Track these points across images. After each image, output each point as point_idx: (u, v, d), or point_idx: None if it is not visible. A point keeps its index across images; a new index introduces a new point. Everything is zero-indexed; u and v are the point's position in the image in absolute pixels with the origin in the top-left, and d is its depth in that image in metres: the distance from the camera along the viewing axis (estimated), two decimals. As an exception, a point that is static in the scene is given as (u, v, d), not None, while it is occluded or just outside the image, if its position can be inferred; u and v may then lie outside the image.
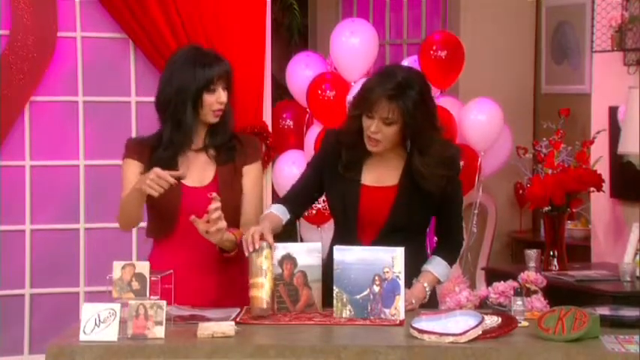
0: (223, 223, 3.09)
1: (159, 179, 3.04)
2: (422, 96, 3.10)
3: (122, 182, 3.26)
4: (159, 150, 3.22)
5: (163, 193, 3.10)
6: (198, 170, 3.25)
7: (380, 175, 3.20)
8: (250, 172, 3.29)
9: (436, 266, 3.20)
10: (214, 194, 3.08)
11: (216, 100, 3.21)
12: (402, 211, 3.16)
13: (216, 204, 3.07)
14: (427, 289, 3.15)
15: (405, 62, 5.52)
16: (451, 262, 3.25)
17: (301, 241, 5.37)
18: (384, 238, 3.12)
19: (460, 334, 2.68)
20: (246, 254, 3.01)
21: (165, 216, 3.23)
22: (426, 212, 3.22)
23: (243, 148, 3.29)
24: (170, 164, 3.20)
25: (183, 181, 3.18)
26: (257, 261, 2.99)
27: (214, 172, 3.26)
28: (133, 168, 3.24)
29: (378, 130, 3.10)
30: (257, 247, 2.97)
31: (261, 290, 2.97)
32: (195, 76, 3.19)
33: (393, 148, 3.17)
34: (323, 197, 3.34)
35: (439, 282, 3.20)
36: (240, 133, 3.43)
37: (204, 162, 3.27)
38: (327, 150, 3.27)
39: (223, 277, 3.24)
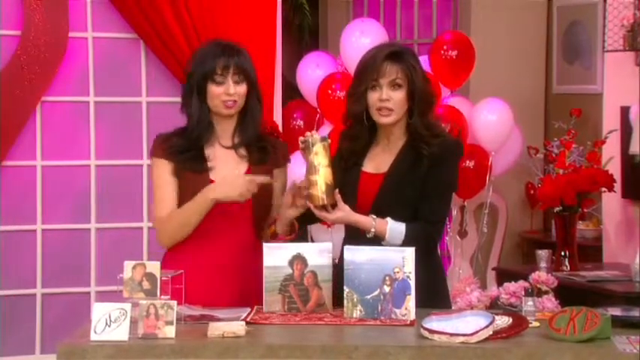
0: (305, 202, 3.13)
1: (252, 186, 3.10)
2: (418, 60, 3.22)
3: (155, 181, 3.24)
4: (183, 143, 3.21)
5: (192, 190, 3.14)
6: (228, 167, 3.23)
7: (380, 162, 3.22)
8: (280, 176, 3.30)
9: (395, 224, 3.10)
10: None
11: (224, 91, 3.19)
12: (385, 197, 3.16)
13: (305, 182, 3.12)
14: (372, 229, 3.09)
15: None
16: (410, 236, 3.08)
17: (312, 241, 5.37)
18: None
19: (471, 335, 2.67)
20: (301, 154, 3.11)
21: None
22: (412, 200, 3.16)
23: (275, 150, 3.29)
24: (197, 158, 3.20)
25: (212, 177, 3.19)
26: (308, 159, 3.07)
27: (246, 170, 3.23)
28: (165, 168, 3.21)
29: (388, 97, 3.14)
30: (304, 139, 3.06)
31: (315, 187, 3.05)
32: (200, 66, 3.20)
33: (398, 130, 3.19)
34: None
35: (384, 237, 3.10)
36: (271, 136, 3.43)
37: (235, 160, 3.25)
38: (340, 149, 3.30)
39: (239, 278, 3.21)
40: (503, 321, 2.78)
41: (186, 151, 3.20)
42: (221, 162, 3.23)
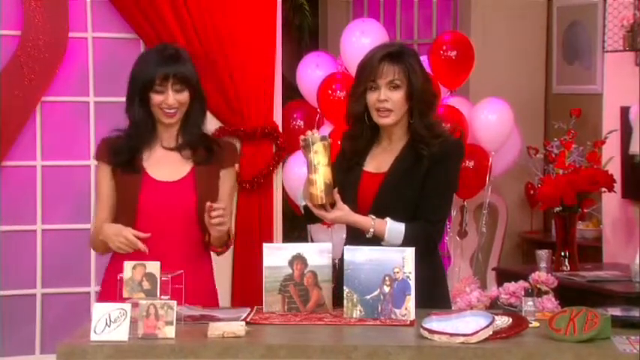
0: (224, 227, 3.15)
1: (129, 243, 3.13)
2: (418, 60, 3.21)
3: (96, 186, 3.36)
4: (123, 145, 3.26)
5: (125, 193, 3.21)
6: (169, 166, 3.26)
7: (381, 162, 3.23)
8: (226, 176, 3.31)
9: (394, 224, 3.11)
10: (214, 205, 3.12)
11: (163, 100, 3.21)
12: (384, 197, 3.17)
13: (218, 211, 3.11)
14: (371, 229, 3.10)
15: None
16: (409, 236, 3.09)
17: (312, 241, 5.37)
18: None
19: (471, 335, 2.67)
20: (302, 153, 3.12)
21: (126, 206, 3.24)
22: (412, 200, 3.17)
23: (222, 151, 3.31)
24: (132, 157, 3.24)
25: (150, 174, 3.23)
26: (308, 157, 3.08)
27: (190, 169, 3.26)
28: (105, 172, 3.29)
29: (386, 98, 3.14)
30: (305, 138, 3.07)
31: (314, 186, 3.06)
32: (141, 74, 3.23)
33: (399, 130, 3.19)
34: None
35: (383, 237, 3.11)
36: (220, 137, 3.45)
37: (178, 160, 3.27)
38: (343, 149, 3.30)
39: (187, 278, 3.13)
40: (503, 321, 2.78)
41: (124, 154, 3.24)
42: (162, 163, 3.25)
